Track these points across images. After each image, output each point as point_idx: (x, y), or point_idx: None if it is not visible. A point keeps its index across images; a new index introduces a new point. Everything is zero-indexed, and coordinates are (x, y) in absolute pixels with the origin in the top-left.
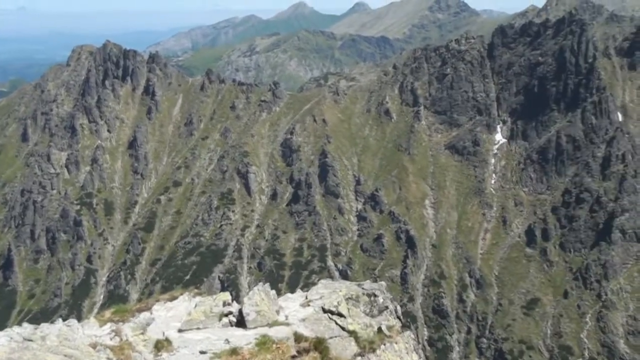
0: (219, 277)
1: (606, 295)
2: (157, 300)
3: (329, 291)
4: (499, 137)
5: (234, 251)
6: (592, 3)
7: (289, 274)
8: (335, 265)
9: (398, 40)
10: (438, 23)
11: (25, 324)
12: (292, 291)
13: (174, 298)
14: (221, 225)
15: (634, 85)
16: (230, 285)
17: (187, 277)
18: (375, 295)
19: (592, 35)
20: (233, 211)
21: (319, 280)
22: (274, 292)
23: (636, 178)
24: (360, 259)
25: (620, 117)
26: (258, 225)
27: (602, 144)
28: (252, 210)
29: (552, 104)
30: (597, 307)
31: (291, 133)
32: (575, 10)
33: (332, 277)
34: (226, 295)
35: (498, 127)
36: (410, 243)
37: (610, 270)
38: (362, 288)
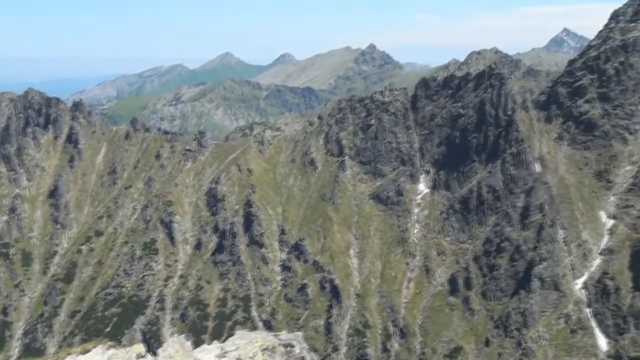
0: (140, 328)
1: (526, 343)
2: (69, 354)
3: (245, 342)
4: (422, 187)
5: (156, 302)
6: (510, 58)
7: (212, 325)
8: (259, 316)
9: (323, 91)
10: (363, 75)
11: None
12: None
13: (86, 351)
14: (144, 276)
15: (550, 137)
16: (153, 337)
17: (108, 329)
18: (291, 346)
19: (511, 89)
20: (156, 261)
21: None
22: (189, 343)
23: (553, 227)
24: (284, 309)
25: (538, 168)
26: (182, 276)
27: (521, 194)
28: (176, 261)
29: (473, 155)
30: (517, 355)
31: (216, 182)
32: (495, 64)
33: (256, 328)
34: (140, 348)
35: (421, 177)
36: (335, 293)
37: (529, 318)
38: (279, 339)
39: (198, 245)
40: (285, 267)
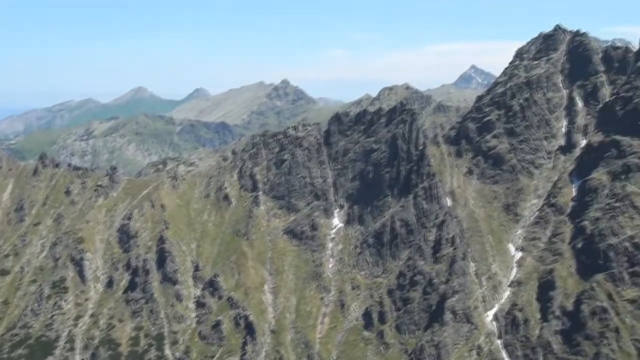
0: None
1: None
2: None
3: None
4: (336, 222)
5: (65, 342)
6: (421, 93)
7: None
8: (173, 354)
9: (237, 126)
10: (276, 110)
11: None
12: None
13: None
14: (52, 316)
15: (460, 171)
16: None
17: None
18: None
19: (422, 124)
20: (66, 300)
21: None
22: None
23: (465, 260)
24: (198, 346)
25: (449, 202)
26: (92, 315)
27: (433, 228)
28: (87, 299)
29: (386, 190)
30: None
31: (128, 218)
32: (406, 100)
33: None
34: None
35: (335, 212)
36: (250, 329)
37: (442, 350)
38: None
39: (110, 283)
40: (200, 304)
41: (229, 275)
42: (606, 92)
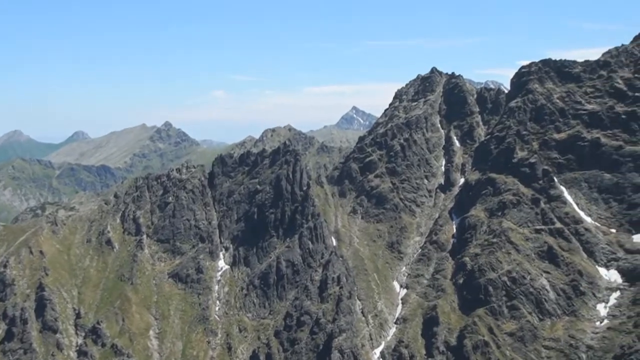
0: None
1: None
2: None
3: None
4: (222, 264)
5: None
6: (304, 135)
7: None
8: None
9: (119, 169)
10: (159, 152)
11: None
12: None
13: None
14: None
15: (344, 211)
16: None
17: None
18: None
19: (306, 165)
20: None
21: None
22: None
23: (351, 299)
24: None
25: (334, 241)
26: None
27: (319, 268)
28: None
29: (271, 230)
30: None
31: (5, 266)
32: (289, 141)
33: None
34: None
35: (221, 254)
36: None
37: None
38: None
39: None
40: (82, 353)
41: (112, 322)
42: (481, 132)
